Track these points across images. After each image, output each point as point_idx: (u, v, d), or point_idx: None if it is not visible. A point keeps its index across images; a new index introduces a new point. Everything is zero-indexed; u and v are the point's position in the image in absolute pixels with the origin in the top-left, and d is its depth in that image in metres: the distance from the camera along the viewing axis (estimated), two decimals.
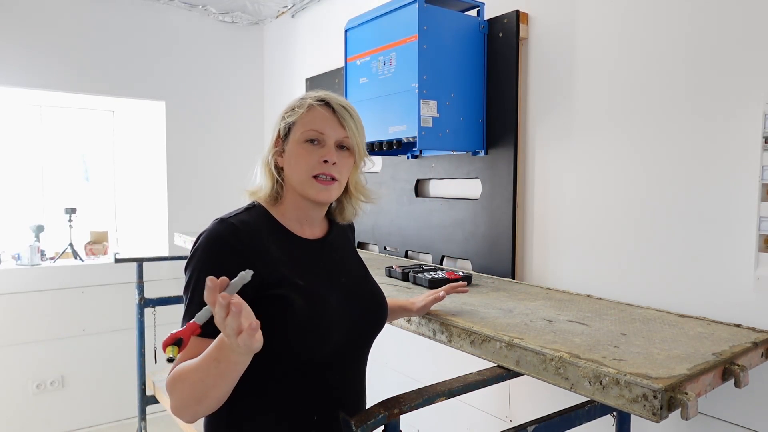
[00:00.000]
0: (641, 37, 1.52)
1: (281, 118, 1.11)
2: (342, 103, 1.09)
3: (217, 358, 0.83)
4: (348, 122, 1.08)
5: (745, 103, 1.30)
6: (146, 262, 2.89)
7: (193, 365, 0.87)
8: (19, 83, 3.03)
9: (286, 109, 1.11)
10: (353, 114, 1.10)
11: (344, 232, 1.24)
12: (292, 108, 1.10)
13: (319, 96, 1.09)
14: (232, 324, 0.75)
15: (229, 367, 0.83)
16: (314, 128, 1.06)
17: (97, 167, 3.87)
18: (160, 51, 3.41)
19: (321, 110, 1.07)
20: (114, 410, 3.44)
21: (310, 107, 1.07)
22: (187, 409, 0.90)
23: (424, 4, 1.72)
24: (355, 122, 1.10)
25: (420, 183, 2.28)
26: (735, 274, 1.32)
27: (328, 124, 1.07)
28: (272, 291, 0.98)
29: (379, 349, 1.23)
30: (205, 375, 0.85)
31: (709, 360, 0.98)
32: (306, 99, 1.09)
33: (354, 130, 1.09)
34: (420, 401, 0.98)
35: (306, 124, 1.06)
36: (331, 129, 1.07)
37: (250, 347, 0.77)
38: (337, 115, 1.08)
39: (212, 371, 0.84)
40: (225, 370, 0.83)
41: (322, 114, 1.07)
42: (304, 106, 1.08)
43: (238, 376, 0.86)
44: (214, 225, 1.01)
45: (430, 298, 1.31)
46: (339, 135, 1.08)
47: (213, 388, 0.86)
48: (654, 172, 1.49)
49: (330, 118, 1.07)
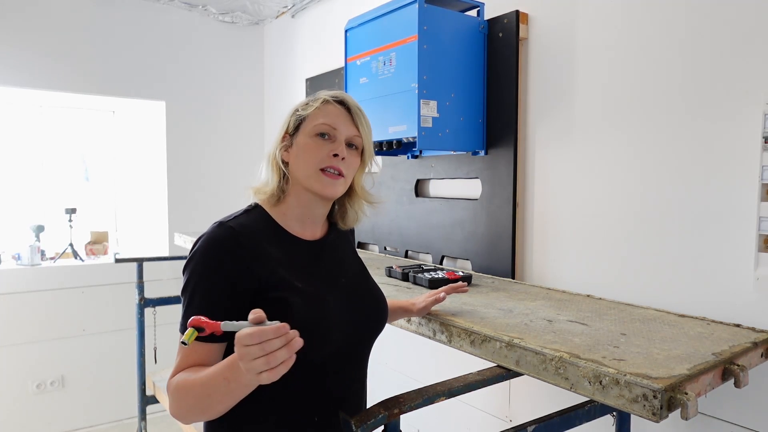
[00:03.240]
0: (641, 37, 1.52)
1: (293, 112, 1.11)
2: (357, 104, 1.12)
3: (227, 378, 0.83)
4: (361, 121, 1.10)
5: (745, 103, 1.30)
6: (146, 262, 2.89)
7: (200, 379, 0.88)
8: (19, 83, 3.03)
9: (299, 103, 1.12)
10: (365, 117, 1.12)
11: (344, 234, 1.24)
12: (307, 102, 1.11)
13: (335, 94, 1.11)
14: (262, 367, 0.74)
15: (240, 389, 0.84)
16: (327, 122, 1.07)
17: (97, 167, 3.87)
18: (160, 51, 3.41)
19: (336, 106, 1.09)
20: (114, 410, 3.44)
21: (326, 102, 1.09)
22: (188, 416, 0.93)
23: (424, 4, 1.72)
24: (366, 125, 1.12)
25: (420, 183, 2.28)
26: (735, 274, 1.32)
27: (342, 120, 1.08)
28: (271, 293, 0.98)
29: (379, 349, 1.23)
30: (212, 391, 0.86)
31: (709, 360, 0.98)
32: (321, 94, 1.11)
33: (365, 131, 1.11)
34: (420, 401, 0.98)
35: (319, 118, 1.07)
36: (344, 125, 1.08)
37: (264, 383, 0.77)
38: (352, 113, 1.09)
39: (221, 389, 0.85)
40: (234, 390, 0.84)
41: (336, 110, 1.08)
42: (318, 101, 1.09)
43: (246, 395, 0.86)
44: (212, 228, 1.01)
45: (430, 298, 1.31)
46: (351, 132, 1.09)
47: (219, 404, 0.88)
48: (654, 172, 1.49)
49: (344, 115, 1.09)
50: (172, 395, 0.92)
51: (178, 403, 0.92)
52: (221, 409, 0.89)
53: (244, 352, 0.75)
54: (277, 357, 0.74)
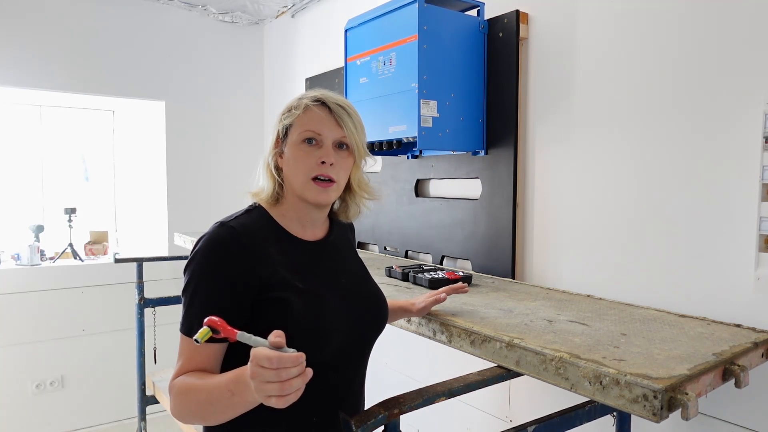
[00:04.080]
0: (641, 37, 1.52)
1: (279, 120, 1.10)
2: (339, 102, 1.08)
3: (233, 391, 0.83)
4: (345, 121, 1.06)
5: (745, 103, 1.30)
6: (146, 262, 2.88)
7: (204, 386, 0.88)
8: (19, 83, 3.03)
9: (283, 110, 1.10)
10: (351, 112, 1.08)
11: (344, 233, 1.24)
12: (289, 109, 1.09)
13: (315, 96, 1.08)
14: (274, 392, 0.73)
15: (243, 404, 0.84)
16: (311, 129, 1.05)
17: (97, 167, 3.87)
18: (160, 51, 3.41)
19: (317, 111, 1.05)
20: (114, 410, 3.44)
21: (307, 108, 1.06)
22: (188, 419, 0.94)
23: (424, 4, 1.72)
24: (353, 120, 1.08)
25: (420, 183, 2.28)
26: (735, 274, 1.32)
27: (325, 124, 1.05)
28: (272, 293, 0.98)
29: (379, 349, 1.23)
30: (215, 401, 0.86)
31: (710, 360, 0.97)
32: (302, 99, 1.08)
33: (352, 129, 1.07)
34: (420, 401, 0.98)
35: (303, 125, 1.05)
36: (328, 129, 1.05)
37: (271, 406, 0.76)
38: (334, 114, 1.06)
39: (224, 401, 0.85)
40: (238, 404, 0.84)
41: (318, 114, 1.05)
42: (300, 107, 1.06)
43: (247, 410, 0.86)
44: (214, 228, 1.01)
45: (430, 299, 1.31)
46: (336, 135, 1.06)
47: (220, 414, 0.88)
48: (654, 172, 1.49)
49: (326, 118, 1.06)
50: (174, 397, 0.93)
51: (180, 405, 0.92)
52: (221, 419, 0.90)
53: (258, 373, 0.73)
54: (292, 385, 0.73)
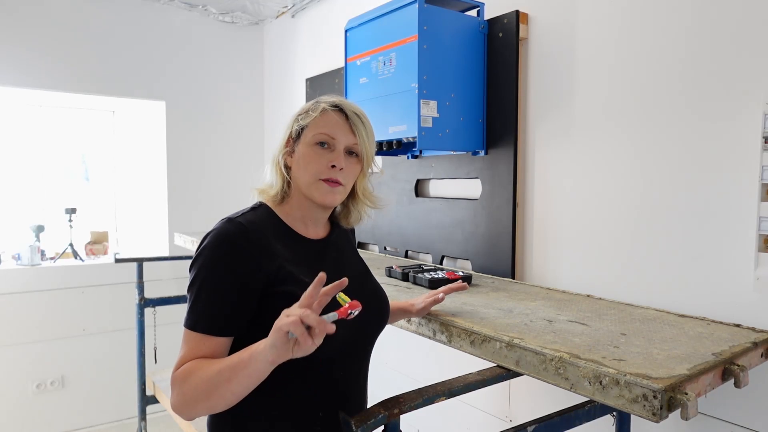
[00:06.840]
0: (641, 37, 1.52)
1: (294, 120, 1.13)
2: (355, 110, 1.12)
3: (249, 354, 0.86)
4: (359, 129, 1.10)
5: (745, 103, 1.30)
6: (146, 262, 2.89)
7: (214, 362, 0.91)
8: (19, 83, 3.03)
9: (300, 111, 1.13)
10: (365, 121, 1.12)
11: (345, 234, 1.26)
12: (306, 111, 1.12)
13: (334, 101, 1.12)
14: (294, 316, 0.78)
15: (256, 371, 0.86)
16: (326, 132, 1.08)
17: (97, 167, 3.87)
18: (160, 51, 3.41)
19: (334, 115, 1.09)
20: (114, 410, 3.44)
21: (324, 111, 1.09)
22: (193, 405, 0.92)
23: (424, 4, 1.72)
24: (366, 130, 1.12)
25: (420, 183, 2.28)
26: (735, 274, 1.32)
27: (340, 129, 1.09)
28: (279, 288, 1.00)
29: (379, 349, 1.23)
30: (230, 372, 0.88)
31: (709, 360, 0.98)
32: (320, 103, 1.11)
33: (364, 138, 1.11)
34: (420, 401, 0.98)
35: (318, 128, 1.08)
36: (342, 134, 1.09)
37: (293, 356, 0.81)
38: (350, 121, 1.10)
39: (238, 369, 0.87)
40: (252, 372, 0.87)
41: (334, 119, 1.09)
42: (317, 109, 1.10)
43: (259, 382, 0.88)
44: (222, 224, 1.02)
45: (429, 299, 1.31)
46: (349, 141, 1.10)
47: (236, 385, 0.88)
48: (654, 172, 1.49)
49: (342, 124, 1.09)
50: (180, 383, 0.92)
51: (185, 390, 0.92)
52: (230, 395, 0.89)
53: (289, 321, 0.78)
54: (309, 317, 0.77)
